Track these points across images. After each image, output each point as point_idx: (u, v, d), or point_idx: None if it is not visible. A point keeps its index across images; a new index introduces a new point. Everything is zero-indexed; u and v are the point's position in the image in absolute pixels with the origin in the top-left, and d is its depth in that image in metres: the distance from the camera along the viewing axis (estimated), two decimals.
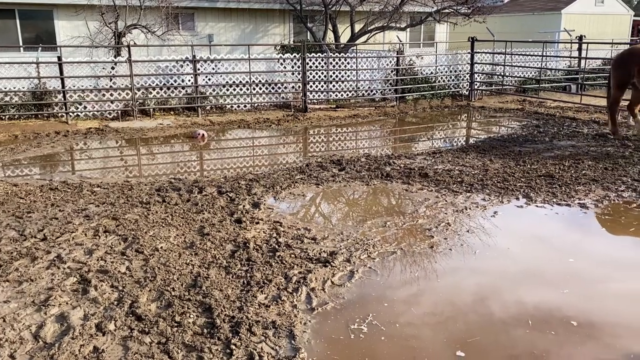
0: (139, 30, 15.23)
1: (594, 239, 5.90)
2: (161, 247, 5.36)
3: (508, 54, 16.80)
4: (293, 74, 14.65)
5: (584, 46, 16.74)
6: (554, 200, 6.89)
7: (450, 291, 4.63)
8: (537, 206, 6.72)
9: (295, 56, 14.59)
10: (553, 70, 17.65)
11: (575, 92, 16.64)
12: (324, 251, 5.32)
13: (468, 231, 5.93)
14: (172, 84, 13.55)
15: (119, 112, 13.03)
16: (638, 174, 7.91)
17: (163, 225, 6.00)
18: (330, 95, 15.20)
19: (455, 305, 4.36)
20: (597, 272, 5.11)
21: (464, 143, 11.14)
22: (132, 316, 4.08)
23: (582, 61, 17.20)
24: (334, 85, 15.19)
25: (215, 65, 13.93)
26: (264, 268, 4.90)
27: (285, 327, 3.96)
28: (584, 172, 8.07)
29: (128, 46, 12.94)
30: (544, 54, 17.24)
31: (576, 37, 17.41)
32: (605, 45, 19.36)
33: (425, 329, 4.01)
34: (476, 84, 16.75)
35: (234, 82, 14.10)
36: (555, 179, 7.75)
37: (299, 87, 14.57)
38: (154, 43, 15.67)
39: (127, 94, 12.99)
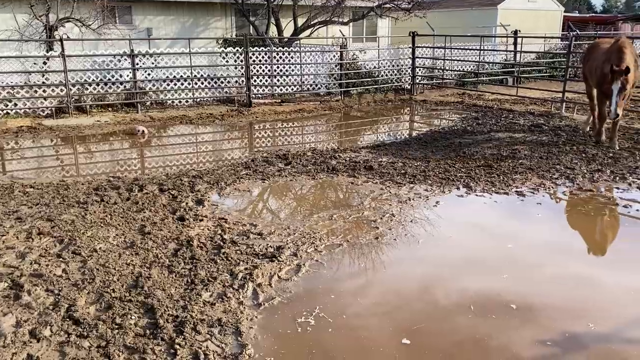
0: (73, 23, 14.57)
1: (531, 225, 6.13)
2: (100, 248, 5.15)
3: (448, 49, 17.22)
4: (236, 68, 14.46)
5: (519, 40, 17.39)
6: (493, 189, 7.12)
7: (396, 281, 4.69)
8: (477, 195, 6.92)
9: (237, 50, 14.40)
10: (490, 64, 18.24)
11: (511, 84, 17.26)
12: (270, 246, 5.27)
13: (412, 221, 6.03)
14: (109, 79, 13.07)
15: (53, 109, 12.44)
16: (570, 162, 8.30)
17: (102, 225, 5.77)
18: (275, 90, 15.11)
19: (401, 295, 4.42)
20: (534, 257, 5.31)
21: (407, 136, 11.33)
22: (69, 320, 3.90)
23: (518, 55, 17.86)
24: (278, 80, 15.10)
25: (155, 60, 13.54)
26: (209, 266, 4.80)
27: (232, 324, 3.89)
28: (520, 161, 8.38)
29: (61, 40, 12.35)
30: (482, 48, 17.78)
31: (512, 32, 18.04)
32: (539, 39, 20.19)
33: (372, 319, 4.05)
34: (418, 78, 17.08)
35: (174, 76, 13.76)
36: (494, 168, 8.01)
37: (243, 81, 14.39)
38: (90, 37, 15.04)
39: (62, 90, 12.42)
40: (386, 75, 16.74)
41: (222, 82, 14.46)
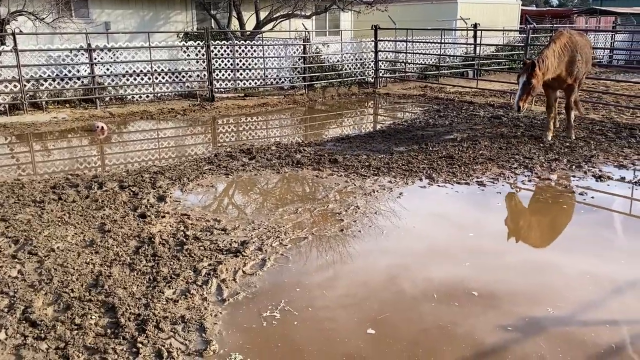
0: (26, 17, 14.05)
1: (491, 214, 6.26)
2: (57, 248, 5.00)
3: (409, 42, 17.38)
4: (198, 62, 14.24)
5: (479, 34, 17.68)
6: (454, 179, 7.23)
7: (361, 272, 4.72)
8: (439, 186, 7.02)
9: (199, 44, 14.18)
10: (451, 57, 18.50)
11: (472, 77, 17.56)
12: (234, 241, 5.22)
13: (376, 213, 6.07)
14: (66, 74, 12.67)
15: (7, 106, 11.99)
16: (529, 152, 8.50)
17: (59, 224, 5.60)
18: (238, 84, 14.95)
19: (366, 286, 4.45)
20: (495, 245, 5.43)
21: (371, 129, 11.39)
22: (26, 322, 3.78)
23: (478, 48, 18.16)
24: (241, 74, 14.95)
25: (114, 54, 13.20)
26: (171, 262, 4.73)
27: (195, 321, 3.84)
28: (481, 152, 8.54)
29: (13, 34, 11.90)
30: (443, 41, 18.02)
31: (471, 25, 18.33)
32: (497, 32, 20.58)
33: (337, 311, 4.06)
34: (381, 72, 17.18)
35: (134, 71, 13.45)
36: (455, 159, 8.14)
37: (205, 75, 14.19)
38: (44, 31, 14.54)
39: (15, 86, 11.97)
40: (350, 68, 16.78)
41: (183, 77, 14.22)
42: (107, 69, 13.18)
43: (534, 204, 6.66)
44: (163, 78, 13.95)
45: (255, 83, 15.30)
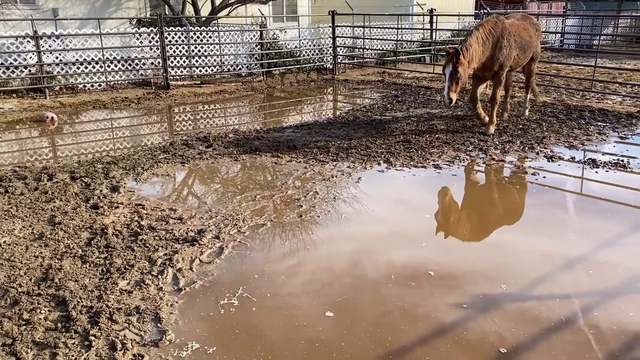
0: None
1: (447, 195, 6.36)
2: (4, 242, 4.80)
3: (367, 28, 17.39)
4: (151, 49, 13.87)
5: (435, 19, 17.85)
6: (412, 163, 7.31)
7: (321, 257, 4.71)
8: (396, 170, 7.07)
9: (152, 30, 13.80)
10: (409, 43, 18.63)
11: (429, 62, 17.73)
12: (191, 230, 5.13)
13: (335, 198, 6.07)
14: (11, 63, 12.13)
15: None
16: (483, 135, 8.66)
17: (6, 217, 5.38)
18: (194, 71, 14.66)
19: (326, 270, 4.44)
20: (450, 226, 5.51)
21: (330, 115, 11.37)
22: None
23: (434, 33, 18.34)
24: (197, 61, 14.66)
25: (63, 42, 12.71)
26: (125, 253, 4.61)
27: (151, 311, 3.76)
28: (437, 136, 8.65)
29: None
30: (400, 27, 18.11)
31: (427, 11, 18.48)
32: (453, 17, 20.82)
33: (296, 296, 4.04)
34: (339, 58, 17.15)
35: (84, 59, 12.99)
36: (412, 143, 8.22)
37: (159, 63, 13.84)
38: None
39: None
40: (308, 55, 16.68)
41: (137, 64, 13.84)
42: (57, 57, 12.69)
43: (488, 185, 6.80)
44: (116, 66, 13.54)
45: (212, 70, 15.04)
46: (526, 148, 7.97)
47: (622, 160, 7.30)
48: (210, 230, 5.13)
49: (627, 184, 6.58)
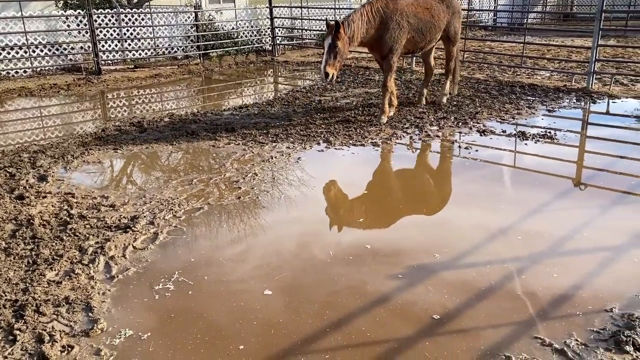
0: None
1: (385, 172, 6.45)
2: None
3: (305, 8, 17.27)
4: (80, 33, 13.25)
5: None
6: (351, 142, 7.36)
7: (260, 237, 4.68)
8: (336, 149, 7.11)
9: (80, 13, 13.17)
10: None
11: None
12: (124, 217, 4.98)
13: (274, 179, 6.04)
14: None
15: None
16: (419, 112, 8.82)
17: None
18: (127, 55, 14.14)
19: (264, 248, 4.42)
20: (389, 202, 5.61)
21: (270, 97, 11.26)
22: None
23: None
24: (129, 44, 14.13)
25: None
26: (54, 244, 4.42)
27: (81, 301, 3.63)
28: (375, 114, 8.73)
29: None
30: (337, 7, 18.08)
31: None
32: None
33: (233, 277, 4.00)
34: (278, 39, 16.98)
35: (7, 44, 12.26)
36: (351, 122, 8.27)
37: (89, 47, 13.25)
38: None
39: None
40: (246, 36, 16.42)
41: (65, 49, 13.19)
42: None
43: (424, 160, 6.95)
44: (42, 51, 12.86)
45: (146, 53, 14.55)
46: (460, 123, 8.18)
47: (549, 132, 7.62)
48: (145, 216, 5.00)
49: (553, 155, 6.88)
